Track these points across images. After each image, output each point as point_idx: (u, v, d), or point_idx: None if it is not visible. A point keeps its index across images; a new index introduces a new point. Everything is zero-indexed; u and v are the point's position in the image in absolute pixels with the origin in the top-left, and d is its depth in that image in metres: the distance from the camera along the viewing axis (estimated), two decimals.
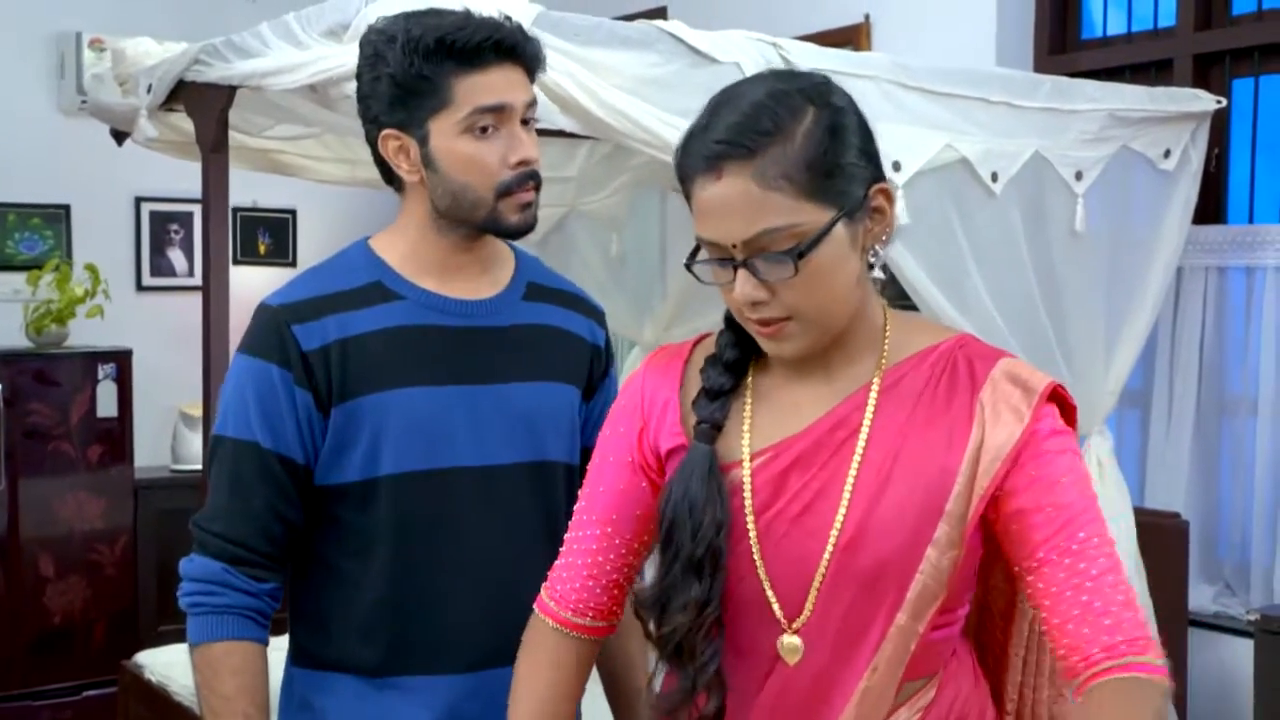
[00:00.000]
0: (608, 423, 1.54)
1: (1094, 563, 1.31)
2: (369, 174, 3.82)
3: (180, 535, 5.35)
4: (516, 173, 1.70)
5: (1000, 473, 1.34)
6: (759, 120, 1.31)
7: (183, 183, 5.20)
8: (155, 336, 5.21)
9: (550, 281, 1.90)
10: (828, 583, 1.37)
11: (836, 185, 1.32)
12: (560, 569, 1.55)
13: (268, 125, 3.33)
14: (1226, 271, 3.69)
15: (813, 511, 1.38)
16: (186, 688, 3.51)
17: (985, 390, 1.37)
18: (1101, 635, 1.29)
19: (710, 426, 1.42)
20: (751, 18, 3.84)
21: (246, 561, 1.71)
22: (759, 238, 1.31)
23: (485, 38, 1.67)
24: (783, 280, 1.32)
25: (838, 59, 2.89)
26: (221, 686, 1.69)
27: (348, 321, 1.73)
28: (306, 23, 2.55)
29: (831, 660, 1.38)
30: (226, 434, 1.74)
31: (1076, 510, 1.33)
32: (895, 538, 1.35)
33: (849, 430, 1.39)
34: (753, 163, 1.30)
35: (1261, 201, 3.75)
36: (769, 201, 1.30)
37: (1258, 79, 3.73)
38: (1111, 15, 4.10)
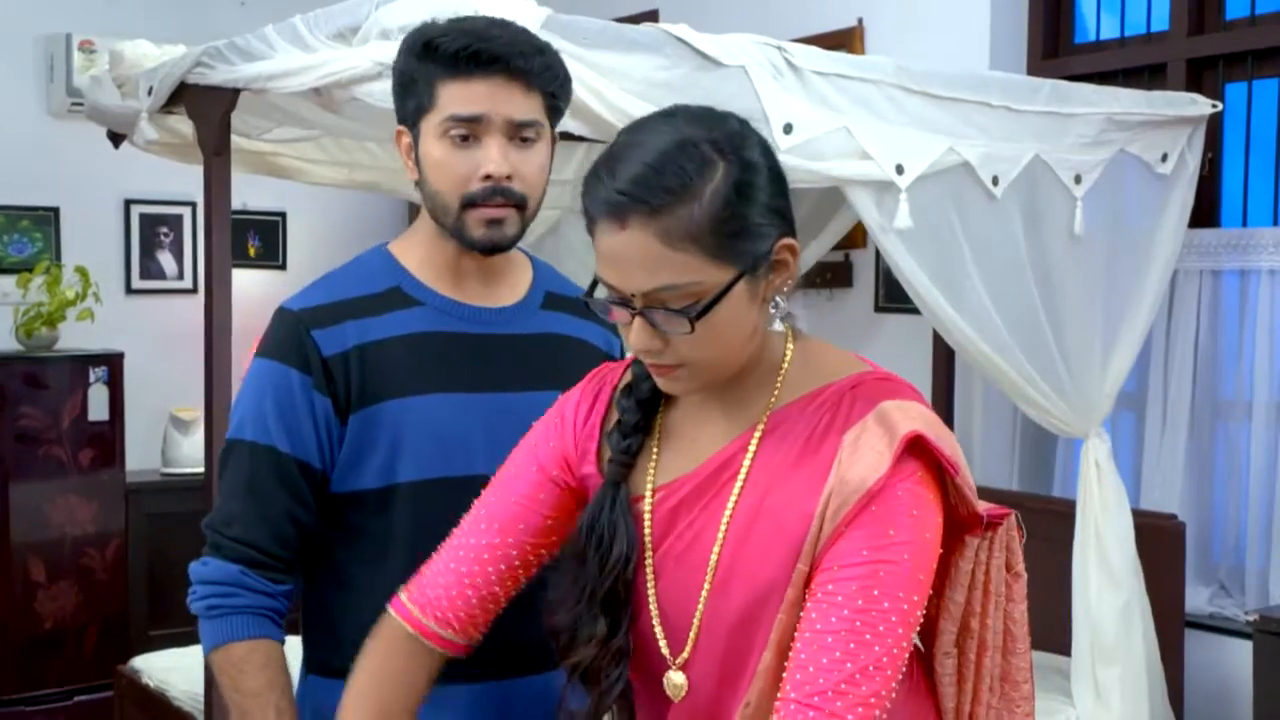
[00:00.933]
0: (534, 434, 1.54)
1: (824, 617, 1.28)
2: (366, 177, 3.88)
3: (171, 539, 5.37)
4: (483, 186, 1.67)
5: (847, 516, 1.30)
6: (664, 175, 1.27)
7: (172, 185, 5.21)
8: (145, 340, 5.19)
9: (568, 290, 1.89)
10: (705, 621, 1.38)
11: (741, 245, 1.30)
12: (433, 574, 1.53)
13: (267, 128, 3.31)
14: (1221, 275, 3.72)
15: (694, 550, 1.39)
16: (186, 692, 3.51)
17: (853, 430, 1.33)
18: (788, 684, 1.28)
19: (621, 464, 1.43)
20: (744, 21, 3.85)
21: (262, 565, 1.70)
22: (658, 292, 1.30)
23: (464, 46, 1.64)
24: (678, 335, 1.31)
25: (842, 62, 2.89)
26: (249, 684, 1.68)
27: (367, 327, 1.73)
28: (314, 25, 2.54)
29: (716, 696, 1.39)
30: (244, 438, 1.73)
31: (837, 564, 1.29)
32: (759, 579, 1.34)
33: (730, 472, 1.39)
34: (658, 220, 1.27)
35: (1255, 205, 3.78)
36: (672, 260, 1.28)
37: (1250, 83, 3.76)
38: (1104, 20, 4.12)
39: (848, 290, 4.59)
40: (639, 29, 2.64)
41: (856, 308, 4.56)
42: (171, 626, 4.92)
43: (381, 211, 5.83)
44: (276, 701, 1.68)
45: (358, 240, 5.82)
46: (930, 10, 4.26)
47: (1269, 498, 3.60)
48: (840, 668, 1.25)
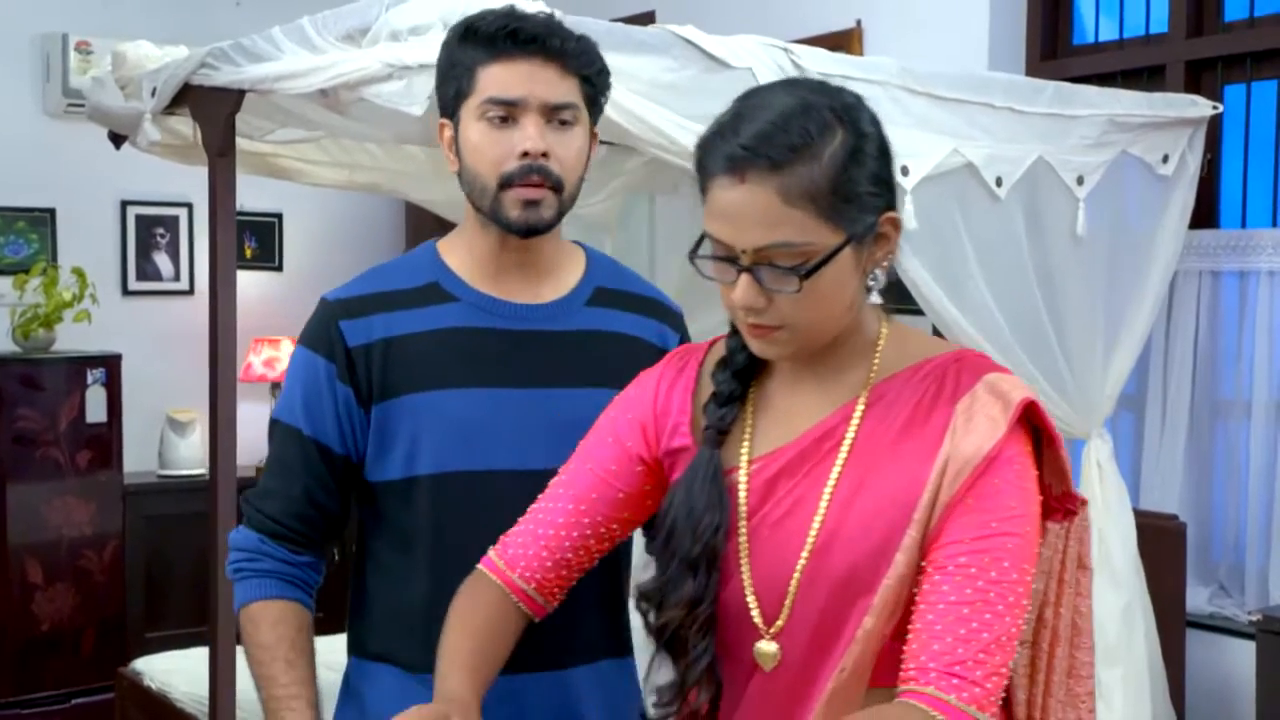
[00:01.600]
0: (613, 407, 1.57)
1: (958, 590, 1.31)
2: (367, 178, 3.88)
3: (169, 541, 5.36)
4: (520, 164, 1.69)
5: (965, 483, 1.34)
6: (789, 133, 1.31)
7: (169, 186, 5.20)
8: (141, 341, 5.18)
9: (622, 285, 1.89)
10: (802, 586, 1.40)
11: (852, 211, 1.34)
12: (515, 535, 1.58)
13: (270, 129, 3.31)
14: (1220, 275, 3.73)
15: (792, 517, 1.41)
16: (189, 694, 3.51)
17: (964, 400, 1.37)
18: (922, 655, 1.30)
19: (716, 432, 1.46)
20: (742, 23, 3.85)
21: (280, 536, 1.78)
22: (770, 249, 1.32)
23: (502, 25, 1.68)
24: (784, 293, 1.34)
25: (847, 64, 2.90)
26: (261, 637, 1.75)
27: (397, 321, 1.76)
28: (322, 26, 2.54)
29: (805, 664, 1.41)
30: (280, 419, 1.80)
31: (968, 536, 1.33)
32: (866, 544, 1.37)
33: (833, 442, 1.41)
34: (778, 176, 1.31)
35: (1254, 206, 3.79)
36: (788, 217, 1.31)
37: (1249, 85, 3.78)
38: (1103, 21, 4.14)
39: None
40: (647, 30, 2.64)
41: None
42: (169, 628, 4.92)
43: (378, 213, 5.83)
44: (285, 654, 1.74)
45: (354, 242, 5.87)
46: (929, 12, 4.27)
47: (1268, 498, 3.62)
48: (977, 638, 1.29)
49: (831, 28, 4.50)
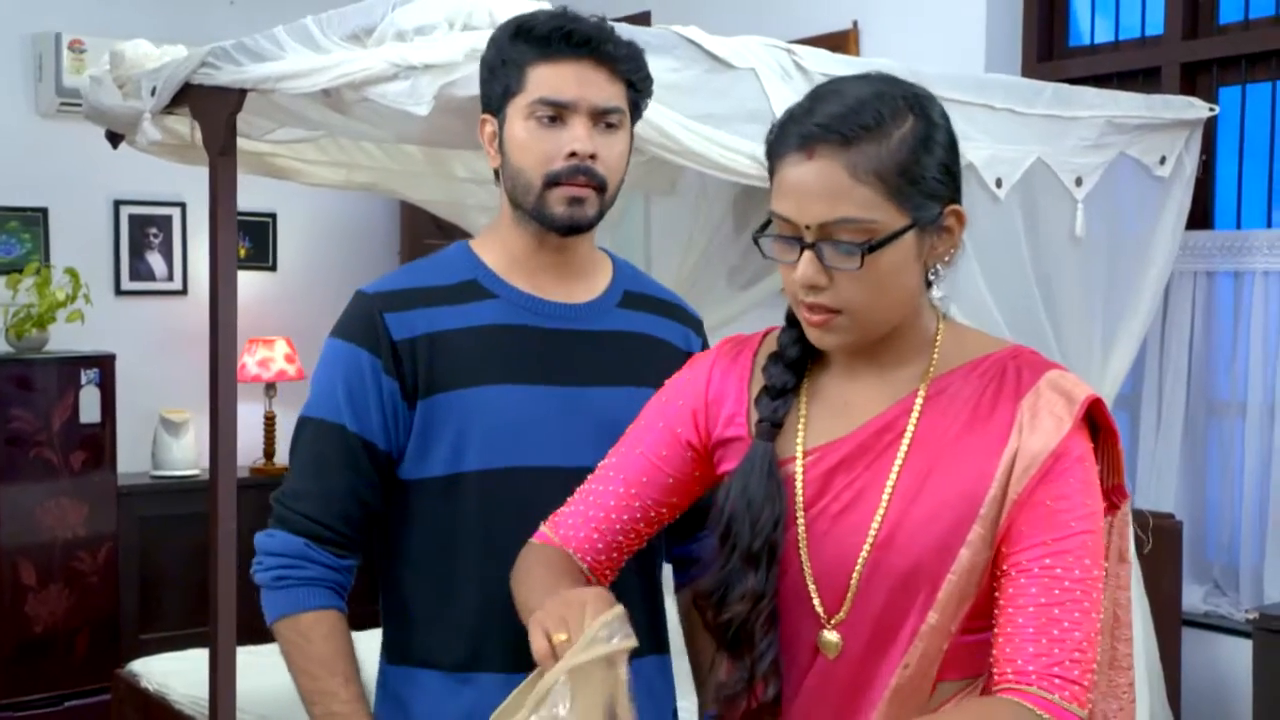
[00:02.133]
0: (664, 391, 1.58)
1: (1046, 591, 1.33)
2: (365, 178, 3.87)
3: (162, 542, 5.34)
4: (567, 164, 1.71)
5: (1033, 479, 1.36)
6: (862, 114, 1.34)
7: (162, 186, 5.19)
8: (135, 341, 5.16)
9: (648, 289, 1.92)
10: (864, 579, 1.41)
11: (917, 195, 1.35)
12: (565, 515, 1.59)
13: (270, 129, 3.30)
14: (1215, 276, 3.76)
15: (854, 510, 1.42)
16: (187, 695, 3.50)
17: (1028, 397, 1.39)
18: (1019, 658, 1.32)
19: (771, 424, 1.46)
20: (738, 24, 3.85)
21: (326, 540, 1.75)
22: (835, 224, 1.34)
23: (556, 26, 1.70)
24: (845, 271, 1.35)
25: (848, 65, 2.90)
26: (317, 652, 1.73)
27: (439, 316, 1.77)
28: (326, 26, 2.54)
29: (867, 656, 1.41)
30: (313, 415, 1.78)
31: (1051, 538, 1.35)
32: (929, 538, 1.38)
33: (894, 434, 1.43)
34: (847, 152, 1.33)
35: (1248, 207, 3.81)
36: (854, 193, 1.33)
37: (1244, 87, 3.80)
38: (1099, 23, 4.15)
39: None
40: (651, 31, 2.64)
41: None
42: (164, 630, 4.91)
43: (373, 212, 5.82)
44: (344, 669, 1.73)
45: (348, 241, 5.86)
46: (925, 13, 4.28)
47: (1262, 497, 3.64)
48: (1070, 637, 1.31)
49: (828, 29, 4.51)
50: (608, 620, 1.33)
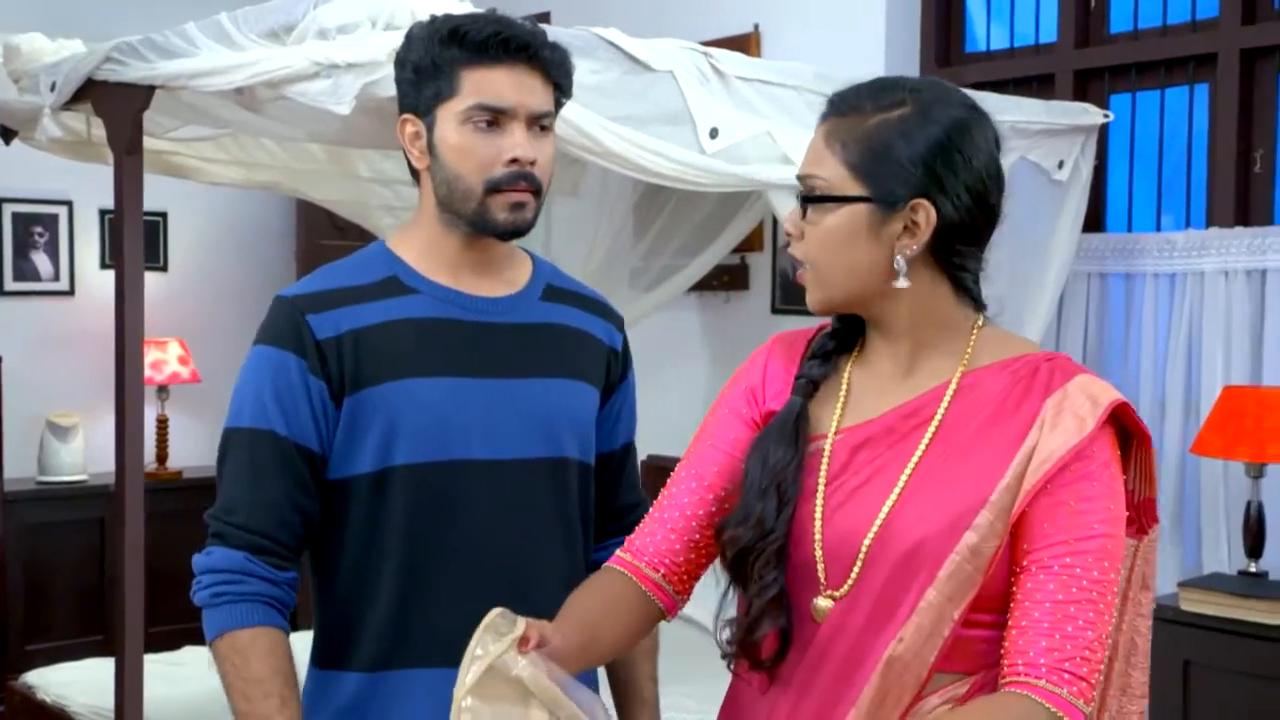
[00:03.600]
0: (728, 386, 1.63)
1: (1064, 589, 1.37)
2: (266, 177, 3.81)
3: (49, 550, 5.18)
4: (508, 170, 1.71)
5: (1049, 473, 1.40)
6: (859, 94, 1.48)
7: (48, 184, 5.05)
8: (20, 343, 5.03)
9: (570, 285, 1.92)
10: (871, 554, 1.45)
11: (877, 171, 1.44)
12: (643, 527, 1.62)
13: (173, 127, 3.24)
14: (1107, 278, 3.87)
15: (870, 485, 1.47)
16: (88, 706, 3.41)
17: (1055, 396, 1.44)
18: (1030, 651, 1.36)
19: (808, 381, 1.54)
20: (640, 27, 3.86)
21: (267, 551, 1.72)
22: (804, 179, 1.49)
23: (494, 32, 1.69)
24: (809, 221, 1.47)
25: (764, 68, 2.94)
26: (253, 671, 1.68)
27: (361, 313, 1.75)
28: (243, 23, 2.50)
29: (866, 630, 1.45)
30: (243, 425, 1.74)
31: (1071, 537, 1.39)
32: (938, 518, 1.43)
33: (920, 420, 1.49)
34: (831, 121, 1.49)
35: (1139, 211, 3.94)
36: (821, 155, 1.48)
37: (1134, 94, 3.92)
38: (995, 30, 4.25)
39: (744, 293, 4.66)
40: (571, 32, 2.64)
41: (754, 309, 4.63)
42: (53, 640, 4.78)
43: (268, 211, 5.73)
44: (280, 690, 1.69)
45: (241, 241, 5.76)
46: (825, 18, 4.34)
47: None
48: (1083, 635, 1.36)
49: (729, 32, 4.56)
50: (484, 629, 1.35)
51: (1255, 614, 3.09)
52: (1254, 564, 3.29)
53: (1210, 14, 3.75)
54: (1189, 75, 3.80)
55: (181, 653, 3.90)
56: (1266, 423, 3.18)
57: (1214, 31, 3.73)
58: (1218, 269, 3.59)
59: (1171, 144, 3.87)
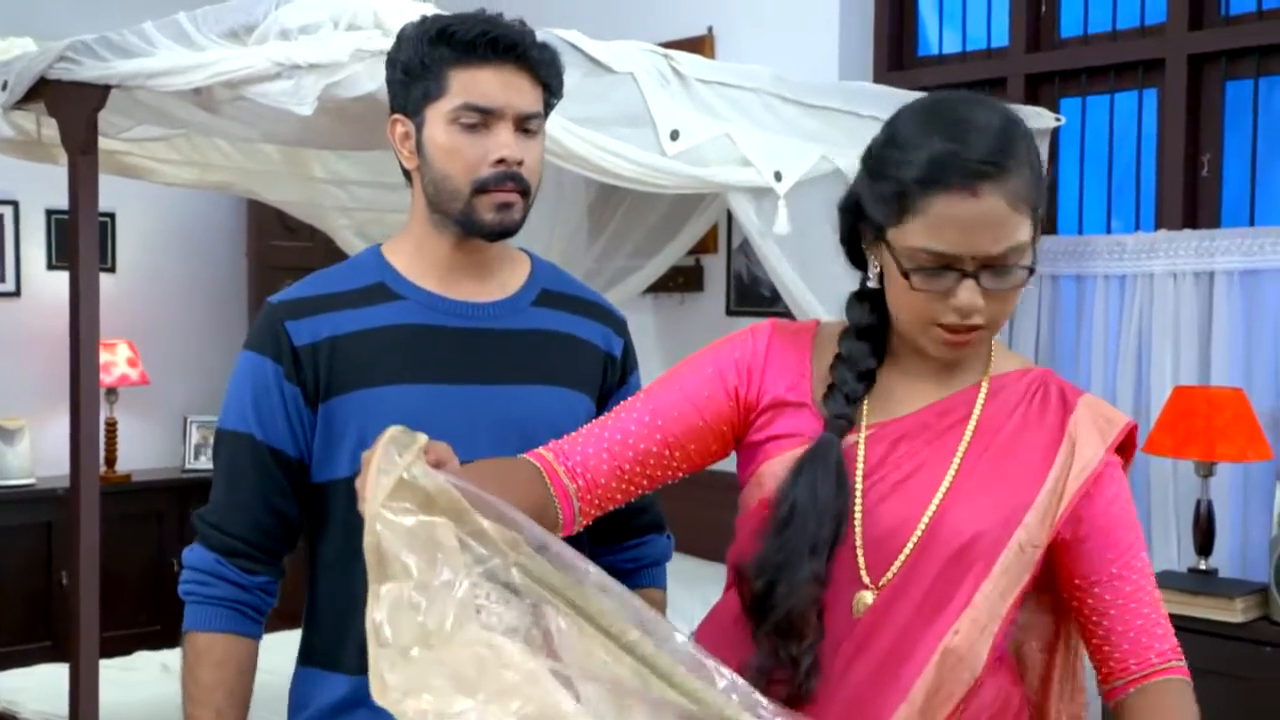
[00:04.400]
0: (717, 345, 1.60)
1: (1150, 583, 1.53)
2: (220, 177, 3.79)
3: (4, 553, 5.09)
4: (495, 170, 1.71)
5: (1088, 480, 1.50)
6: (1003, 145, 1.39)
7: None
8: None
9: (567, 288, 1.90)
10: (920, 547, 1.47)
11: (1039, 207, 1.46)
12: (580, 435, 1.56)
13: (127, 126, 3.20)
14: (1059, 279, 3.91)
15: (913, 480, 1.49)
16: (39, 713, 3.38)
17: (1079, 411, 1.54)
18: (1157, 644, 1.51)
19: (845, 420, 1.51)
20: (593, 28, 3.86)
21: (238, 553, 1.74)
22: (1003, 256, 1.40)
23: (481, 32, 1.69)
24: (1005, 291, 1.42)
25: (725, 71, 2.96)
26: (202, 676, 1.72)
27: (343, 320, 1.75)
28: (202, 22, 2.48)
29: (913, 622, 1.47)
30: (225, 427, 1.78)
31: (1135, 540, 1.53)
32: (991, 515, 1.47)
33: (956, 418, 1.52)
34: (1004, 186, 1.39)
35: (1089, 213, 3.99)
36: (1017, 225, 1.40)
37: (1084, 99, 3.97)
38: (947, 35, 4.29)
39: (699, 294, 4.68)
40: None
41: (708, 311, 4.64)
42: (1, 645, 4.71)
43: (218, 211, 5.69)
44: (219, 701, 1.72)
45: (190, 241, 5.71)
46: (779, 22, 4.37)
47: None
48: (1170, 631, 1.53)
49: (683, 34, 4.57)
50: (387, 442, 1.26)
51: (1205, 610, 3.14)
52: (1204, 561, 3.34)
53: (1158, 20, 3.81)
54: (1138, 80, 3.86)
55: (134, 658, 3.86)
56: (1216, 422, 3.23)
57: (1161, 37, 3.79)
58: (1167, 271, 3.65)
59: (1121, 148, 3.92)
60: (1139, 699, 1.50)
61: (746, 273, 4.56)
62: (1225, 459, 3.28)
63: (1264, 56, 3.62)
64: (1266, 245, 3.49)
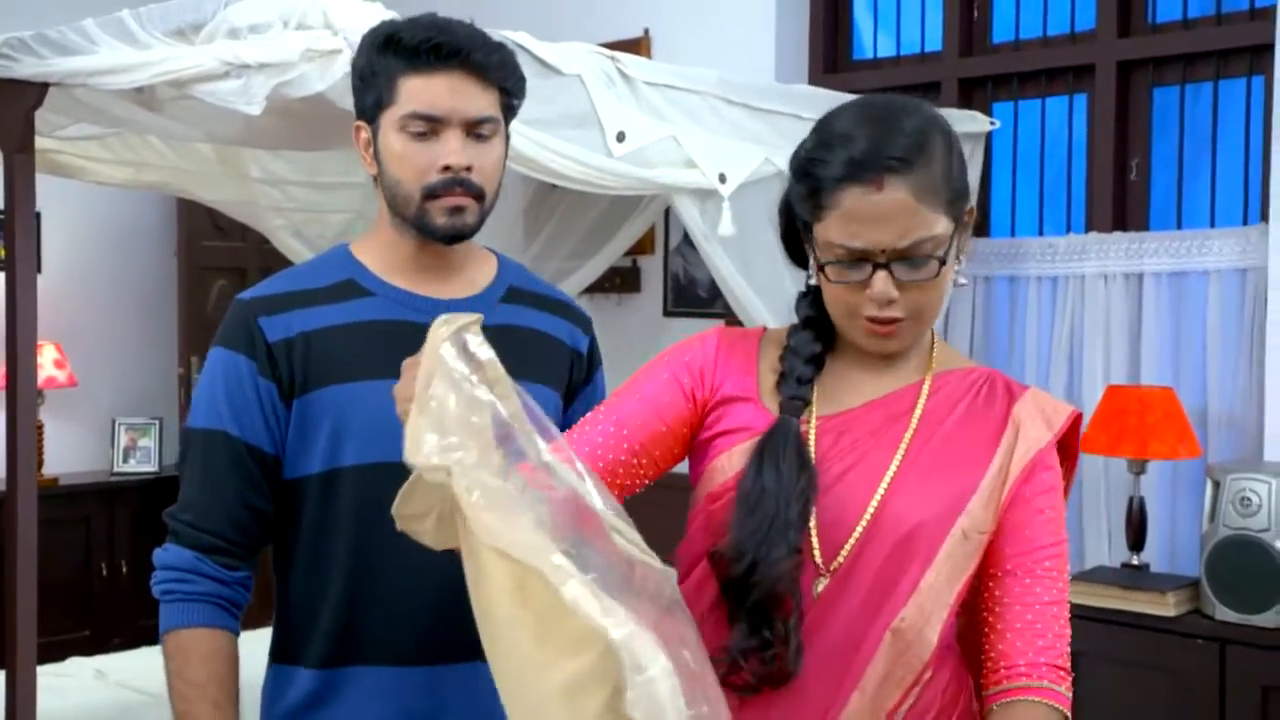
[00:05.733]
0: (666, 353, 1.63)
1: (1048, 591, 1.52)
2: (154, 177, 3.75)
3: None
4: (442, 177, 1.71)
5: (1032, 462, 1.53)
6: (911, 140, 1.45)
7: None
8: None
9: (533, 287, 1.92)
10: (865, 535, 1.51)
11: (959, 203, 1.50)
12: None
13: (63, 125, 3.16)
14: (993, 280, 3.98)
15: (858, 470, 1.54)
16: None
17: (1022, 401, 1.58)
18: (1029, 652, 1.49)
19: (800, 402, 1.56)
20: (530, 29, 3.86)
21: (217, 550, 1.73)
22: (911, 249, 1.45)
23: (425, 39, 1.68)
24: (917, 283, 1.47)
25: (671, 73, 2.98)
26: (192, 674, 1.71)
27: (315, 315, 1.76)
28: (146, 20, 2.45)
29: (863, 609, 1.50)
30: (197, 425, 1.76)
31: (1049, 543, 1.54)
32: (933, 505, 1.51)
33: (901, 410, 1.57)
34: (910, 180, 1.44)
35: (1022, 216, 4.06)
36: (924, 218, 1.45)
37: (1016, 103, 4.04)
38: (881, 38, 4.35)
39: (636, 295, 4.69)
40: None
41: (646, 312, 4.66)
42: None
43: (147, 211, 5.61)
44: (215, 695, 1.71)
45: (120, 241, 5.63)
46: (715, 24, 4.39)
47: None
48: (1065, 634, 1.52)
49: (620, 36, 4.57)
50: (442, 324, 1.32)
51: (1138, 605, 3.21)
52: (1136, 557, 3.41)
53: (1088, 26, 3.89)
54: (1068, 85, 3.93)
55: (67, 664, 3.79)
56: (1148, 420, 3.30)
57: (1091, 44, 3.86)
58: (1098, 272, 3.73)
59: (1052, 151, 4.00)
60: (997, 716, 1.50)
61: (684, 273, 4.59)
62: (1157, 456, 3.35)
63: (1190, 64, 3.71)
64: (1194, 248, 3.59)
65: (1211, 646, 3.08)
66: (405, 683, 1.75)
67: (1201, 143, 3.72)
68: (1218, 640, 3.07)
